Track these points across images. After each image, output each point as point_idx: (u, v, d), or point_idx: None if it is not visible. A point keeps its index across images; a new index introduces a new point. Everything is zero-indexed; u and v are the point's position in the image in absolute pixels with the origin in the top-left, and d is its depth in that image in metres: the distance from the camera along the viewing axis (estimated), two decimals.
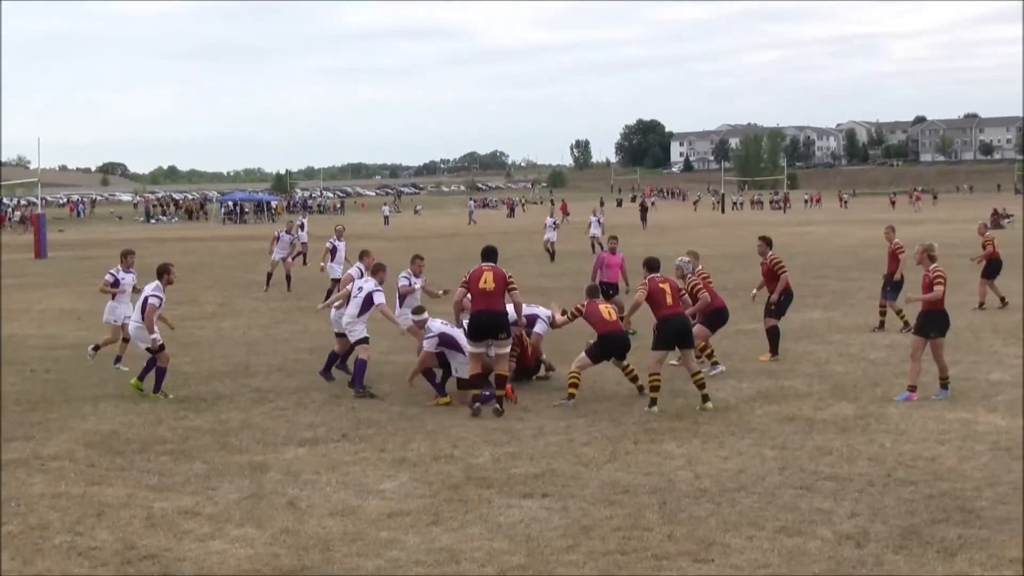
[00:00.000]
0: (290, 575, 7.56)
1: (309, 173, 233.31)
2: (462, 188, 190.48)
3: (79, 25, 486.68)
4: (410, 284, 15.42)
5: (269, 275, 29.12)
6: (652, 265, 13.45)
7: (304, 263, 35.04)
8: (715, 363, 15.08)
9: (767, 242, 16.78)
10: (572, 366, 13.51)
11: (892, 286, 18.91)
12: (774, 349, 16.13)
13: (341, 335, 14.71)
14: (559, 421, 12.32)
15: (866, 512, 8.68)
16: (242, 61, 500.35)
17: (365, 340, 14.18)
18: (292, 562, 7.77)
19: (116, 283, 16.57)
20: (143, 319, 14.03)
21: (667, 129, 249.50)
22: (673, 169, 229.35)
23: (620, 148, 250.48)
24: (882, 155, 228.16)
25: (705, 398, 12.85)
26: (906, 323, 18.16)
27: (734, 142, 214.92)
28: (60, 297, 27.88)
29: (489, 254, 13.46)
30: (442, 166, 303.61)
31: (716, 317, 15.37)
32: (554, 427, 12.02)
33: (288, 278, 28.81)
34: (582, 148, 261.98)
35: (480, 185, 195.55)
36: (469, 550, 7.95)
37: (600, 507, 8.97)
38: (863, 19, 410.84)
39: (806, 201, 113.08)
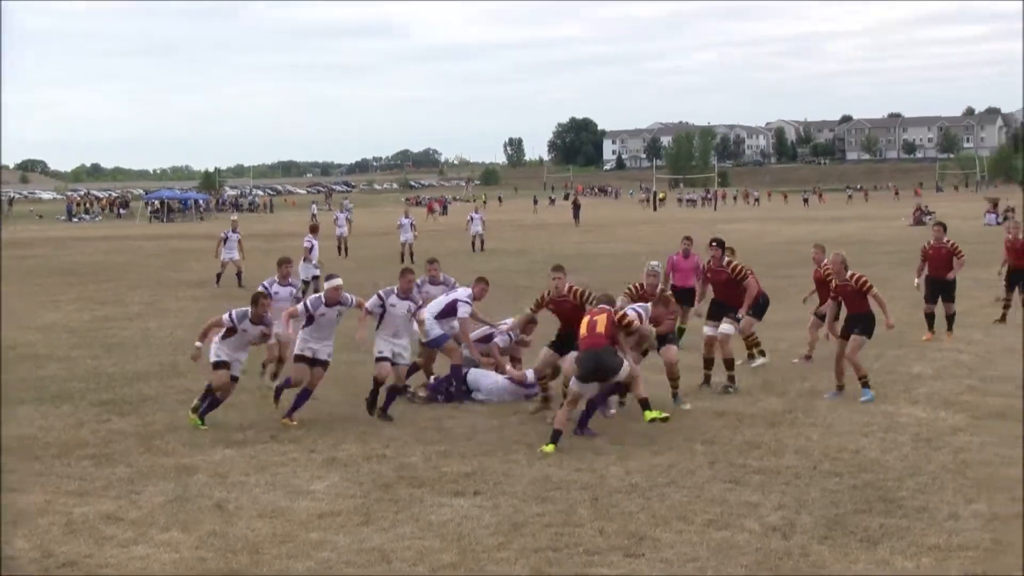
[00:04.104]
0: None
1: (238, 171, 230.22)
2: (395, 186, 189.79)
3: None
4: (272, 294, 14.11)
5: (219, 275, 28.88)
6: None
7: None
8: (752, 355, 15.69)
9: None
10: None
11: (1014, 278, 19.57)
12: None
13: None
14: (491, 419, 12.32)
15: (792, 504, 8.81)
16: (168, 60, 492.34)
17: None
18: (219, 565, 7.66)
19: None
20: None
21: (600, 127, 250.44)
22: (606, 167, 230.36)
23: (553, 146, 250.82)
24: (810, 153, 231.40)
25: (754, 355, 15.40)
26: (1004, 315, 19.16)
27: (666, 140, 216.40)
28: None
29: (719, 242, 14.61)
30: (374, 164, 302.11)
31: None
32: (486, 425, 12.02)
33: (239, 274, 28.55)
34: (515, 146, 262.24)
35: (413, 183, 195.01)
36: (400, 549, 7.91)
37: (531, 504, 8.98)
38: (795, 20, 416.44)
39: (756, 199, 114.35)
